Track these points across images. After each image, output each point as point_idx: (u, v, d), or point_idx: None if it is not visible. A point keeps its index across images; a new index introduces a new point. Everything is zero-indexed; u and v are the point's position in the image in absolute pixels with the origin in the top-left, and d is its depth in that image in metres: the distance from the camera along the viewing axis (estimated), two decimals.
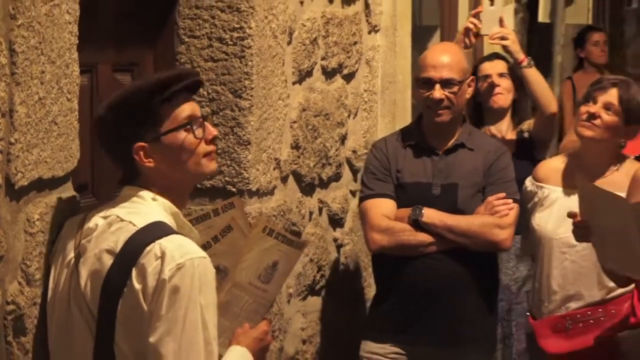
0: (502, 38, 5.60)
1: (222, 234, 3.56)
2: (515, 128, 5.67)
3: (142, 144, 3.05)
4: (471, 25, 5.62)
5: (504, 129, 5.84)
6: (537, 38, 9.39)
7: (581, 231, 4.38)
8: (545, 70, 9.23)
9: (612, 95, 4.87)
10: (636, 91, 4.96)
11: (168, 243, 2.93)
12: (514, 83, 5.69)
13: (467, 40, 5.63)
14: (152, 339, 2.91)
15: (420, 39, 6.18)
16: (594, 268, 4.78)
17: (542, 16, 8.98)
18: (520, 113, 5.66)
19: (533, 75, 5.63)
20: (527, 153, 5.75)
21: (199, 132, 3.12)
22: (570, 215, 4.39)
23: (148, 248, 2.93)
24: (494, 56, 5.93)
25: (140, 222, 2.99)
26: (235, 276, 3.56)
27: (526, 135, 5.65)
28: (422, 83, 4.96)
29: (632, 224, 4.11)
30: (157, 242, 2.93)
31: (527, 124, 5.63)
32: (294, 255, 3.71)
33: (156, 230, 2.97)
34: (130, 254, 2.95)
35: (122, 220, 3.03)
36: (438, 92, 4.92)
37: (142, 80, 3.31)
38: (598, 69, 8.83)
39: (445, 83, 4.93)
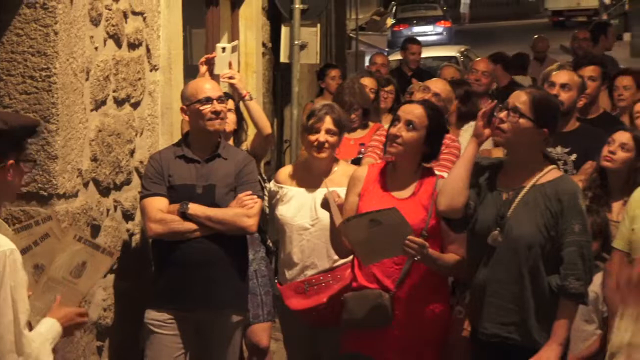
0: (231, 77, 5.56)
1: (41, 240, 3.61)
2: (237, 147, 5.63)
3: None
4: (202, 69, 5.56)
5: None
6: (280, 74, 9.47)
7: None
8: (287, 97, 9.35)
9: (328, 122, 4.98)
10: (341, 113, 5.09)
11: None
12: (237, 116, 5.66)
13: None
14: None
15: (190, 75, 6.14)
16: (324, 245, 4.87)
17: (283, 58, 9.06)
18: (240, 138, 5.67)
19: (254, 106, 5.59)
20: None
21: (10, 175, 3.11)
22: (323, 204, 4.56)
23: None
24: (224, 95, 5.86)
25: None
26: (50, 272, 3.59)
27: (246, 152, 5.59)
28: (202, 102, 4.94)
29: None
30: None
31: (245, 145, 5.65)
32: (104, 260, 3.74)
33: None
34: None
35: None
36: (218, 106, 4.95)
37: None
38: (333, 97, 8.94)
39: (220, 99, 4.98)
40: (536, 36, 12.85)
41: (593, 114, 6.52)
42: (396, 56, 14.85)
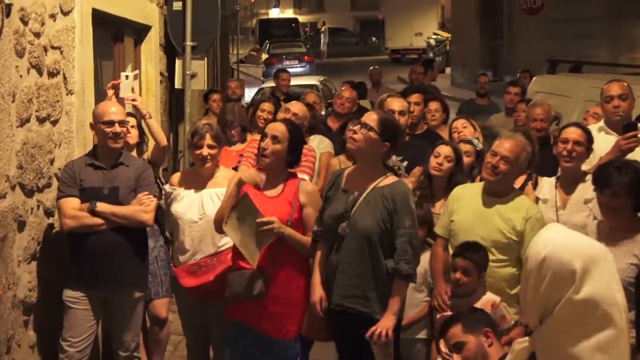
0: (133, 100, 5.50)
1: None
2: (140, 157, 5.58)
3: None
4: (110, 93, 5.50)
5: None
6: (175, 98, 9.38)
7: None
8: (181, 116, 9.27)
9: (208, 139, 4.97)
10: (218, 130, 5.10)
11: None
12: (139, 131, 5.58)
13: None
14: None
15: (100, 98, 6.04)
16: (210, 234, 4.87)
17: (177, 84, 9.00)
18: (142, 149, 5.61)
19: (153, 123, 5.56)
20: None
21: None
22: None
23: None
24: (128, 115, 5.72)
25: None
26: None
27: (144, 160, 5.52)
28: (106, 124, 4.87)
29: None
30: None
31: (146, 155, 5.60)
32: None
33: None
34: None
35: None
36: (118, 128, 4.87)
37: None
38: (216, 117, 8.91)
39: (121, 122, 4.90)
40: (371, 67, 13.01)
41: (419, 130, 6.73)
42: (270, 84, 14.89)
